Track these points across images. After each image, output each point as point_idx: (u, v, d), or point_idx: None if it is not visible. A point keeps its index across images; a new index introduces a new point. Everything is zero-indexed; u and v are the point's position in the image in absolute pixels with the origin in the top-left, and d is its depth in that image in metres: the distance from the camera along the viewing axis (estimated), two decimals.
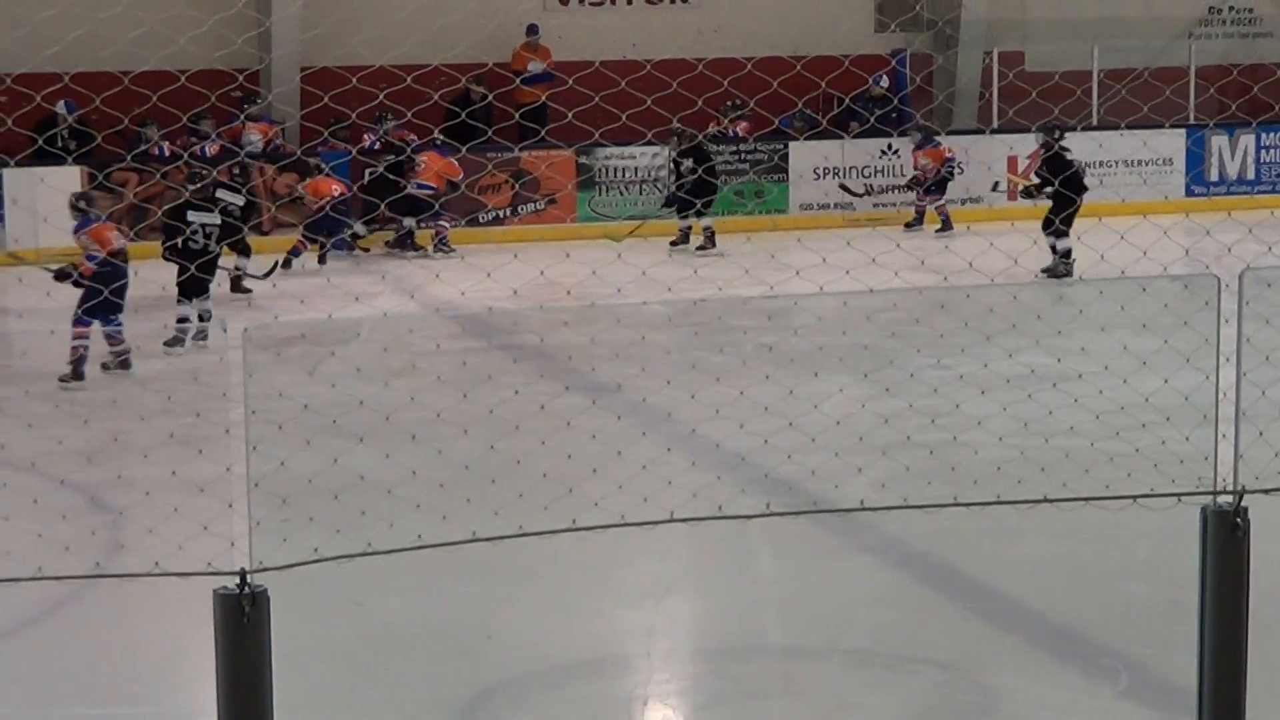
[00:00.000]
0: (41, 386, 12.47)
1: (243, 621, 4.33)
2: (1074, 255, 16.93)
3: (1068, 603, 7.94)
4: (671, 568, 8.56)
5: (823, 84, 18.43)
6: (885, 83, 22.72)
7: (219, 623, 4.36)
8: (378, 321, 14.76)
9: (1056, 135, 18.00)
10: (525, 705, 6.87)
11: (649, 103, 8.21)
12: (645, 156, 21.63)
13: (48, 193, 18.49)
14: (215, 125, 20.39)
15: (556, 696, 6.98)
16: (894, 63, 23.17)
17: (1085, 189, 17.26)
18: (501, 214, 21.39)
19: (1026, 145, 21.27)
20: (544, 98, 20.89)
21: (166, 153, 19.80)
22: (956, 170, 21.60)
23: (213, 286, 15.02)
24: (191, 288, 14.50)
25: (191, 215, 14.97)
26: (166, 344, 14.48)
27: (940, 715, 6.75)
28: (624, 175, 21.84)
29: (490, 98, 20.83)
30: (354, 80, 8.67)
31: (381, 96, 13.65)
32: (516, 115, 21.24)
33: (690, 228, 20.21)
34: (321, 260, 19.25)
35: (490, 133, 20.26)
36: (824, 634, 7.59)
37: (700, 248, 19.90)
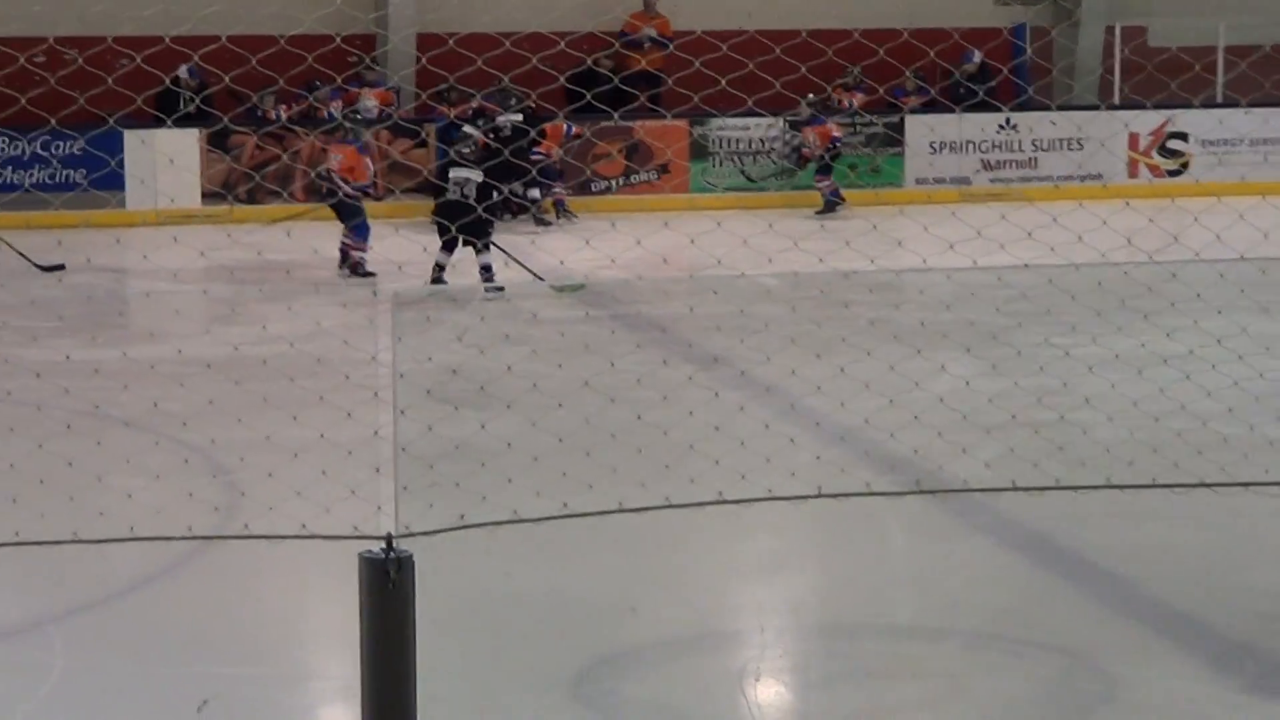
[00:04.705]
0: (192, 347, 12.45)
1: (388, 587, 4.29)
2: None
3: (1190, 590, 7.84)
4: (791, 543, 8.53)
5: (931, 53, 18.32)
6: (977, 59, 22.34)
7: (364, 587, 4.33)
8: (524, 287, 14.84)
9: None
10: (638, 676, 6.87)
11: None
12: (760, 128, 21.55)
13: (165, 155, 18.72)
14: (331, 91, 20.60)
15: (670, 669, 6.96)
16: (1005, 38, 22.96)
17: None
18: (613, 184, 21.41)
19: (1147, 122, 21.06)
20: (657, 66, 20.87)
21: (283, 116, 20.08)
22: (842, 150, 21.33)
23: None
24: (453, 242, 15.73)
25: (453, 173, 16.17)
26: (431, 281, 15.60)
27: (1059, 701, 6.69)
28: (737, 146, 21.79)
29: (612, 72, 20.77)
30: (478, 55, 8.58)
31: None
32: (622, 82, 21.16)
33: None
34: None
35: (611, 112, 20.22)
36: (941, 615, 7.52)
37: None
